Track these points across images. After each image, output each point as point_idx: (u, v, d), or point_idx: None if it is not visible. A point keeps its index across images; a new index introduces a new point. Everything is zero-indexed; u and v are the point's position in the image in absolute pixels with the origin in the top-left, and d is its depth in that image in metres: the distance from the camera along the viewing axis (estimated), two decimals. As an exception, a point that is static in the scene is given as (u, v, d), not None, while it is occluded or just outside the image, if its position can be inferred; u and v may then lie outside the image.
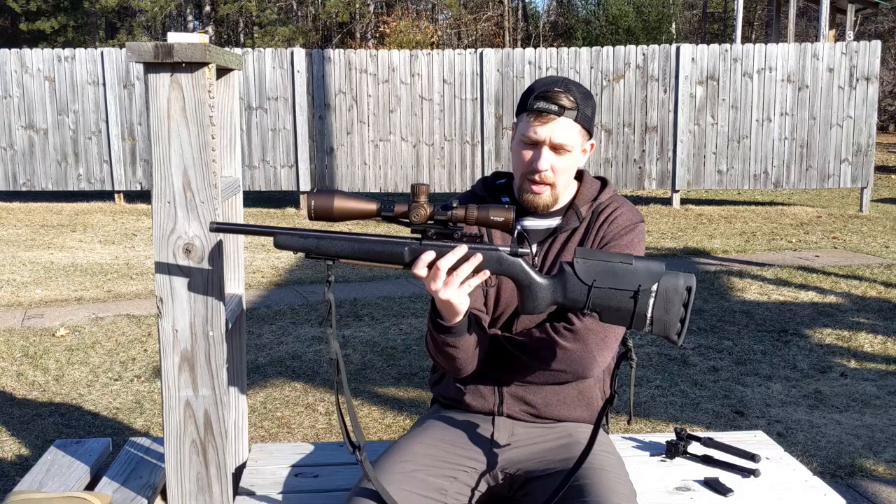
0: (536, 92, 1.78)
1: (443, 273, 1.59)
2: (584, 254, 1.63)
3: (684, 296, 1.60)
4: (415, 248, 1.61)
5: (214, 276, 1.80)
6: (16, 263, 7.48)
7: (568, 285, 1.62)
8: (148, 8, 21.32)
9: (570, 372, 1.80)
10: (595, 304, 1.61)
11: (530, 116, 1.78)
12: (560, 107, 1.76)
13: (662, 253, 7.88)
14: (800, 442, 3.52)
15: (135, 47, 1.70)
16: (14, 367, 4.55)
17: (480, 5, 29.99)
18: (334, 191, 1.62)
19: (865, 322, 5.36)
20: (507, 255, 1.63)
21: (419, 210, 1.58)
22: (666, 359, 4.63)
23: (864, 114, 10.83)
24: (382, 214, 1.60)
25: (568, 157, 1.80)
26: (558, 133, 1.77)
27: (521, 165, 1.82)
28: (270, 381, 4.29)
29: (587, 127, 1.82)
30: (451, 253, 1.59)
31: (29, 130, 11.01)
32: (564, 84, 1.79)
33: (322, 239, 1.62)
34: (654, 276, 1.60)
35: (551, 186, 1.82)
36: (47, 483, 2.07)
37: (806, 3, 20.53)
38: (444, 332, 1.72)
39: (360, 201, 1.61)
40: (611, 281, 1.60)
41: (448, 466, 1.80)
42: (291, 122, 10.96)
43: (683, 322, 1.60)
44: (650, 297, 1.59)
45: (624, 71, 10.92)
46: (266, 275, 7.00)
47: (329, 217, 1.61)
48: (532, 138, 1.78)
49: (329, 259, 1.63)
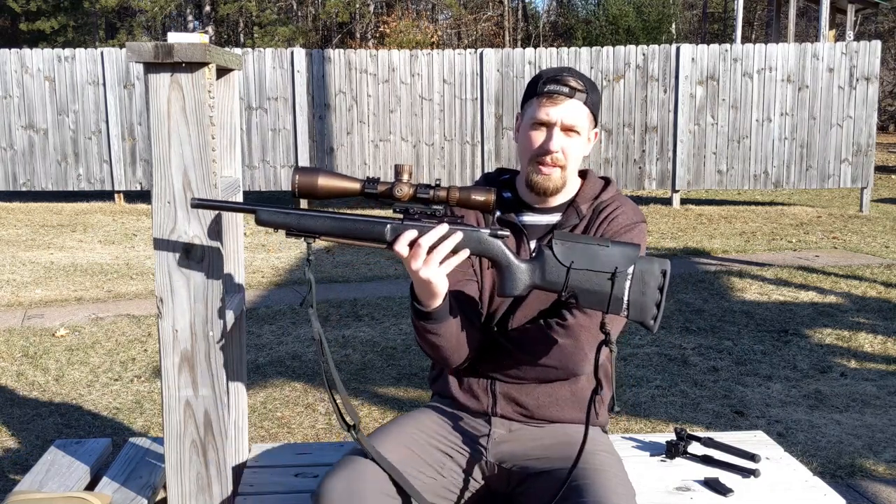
0: (546, 77, 1.81)
1: (423, 251, 1.60)
2: (562, 236, 1.65)
3: (660, 279, 1.62)
4: (396, 226, 1.62)
5: (214, 276, 1.80)
6: (16, 263, 7.48)
7: (546, 267, 1.63)
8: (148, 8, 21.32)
9: (562, 368, 1.80)
10: (573, 287, 1.62)
11: (541, 99, 1.79)
12: (571, 88, 1.78)
13: (662, 253, 7.88)
14: (800, 442, 3.52)
15: (135, 47, 1.70)
16: (14, 367, 4.55)
17: (480, 5, 29.99)
18: (318, 168, 1.63)
19: (865, 322, 5.36)
20: (487, 235, 1.64)
21: (402, 188, 1.60)
22: (666, 359, 4.63)
23: (864, 114, 10.83)
24: (366, 192, 1.61)
25: (577, 139, 1.81)
26: (569, 114, 1.79)
27: (530, 148, 1.82)
28: (270, 381, 4.29)
29: (594, 113, 1.85)
30: (432, 231, 1.60)
31: (29, 130, 11.01)
32: (571, 70, 1.83)
33: (303, 216, 1.63)
34: (630, 259, 1.62)
35: (562, 168, 1.82)
36: (47, 483, 2.07)
37: (806, 3, 20.53)
38: (424, 319, 1.73)
39: (344, 179, 1.62)
40: (588, 263, 1.62)
41: (446, 444, 1.84)
42: (291, 122, 10.96)
43: (659, 306, 1.62)
44: (626, 280, 1.61)
45: (624, 71, 10.92)
46: (266, 275, 7.00)
47: (313, 194, 1.62)
48: (543, 119, 1.79)
49: (310, 237, 1.64)
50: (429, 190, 1.61)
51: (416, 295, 1.71)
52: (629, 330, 4.98)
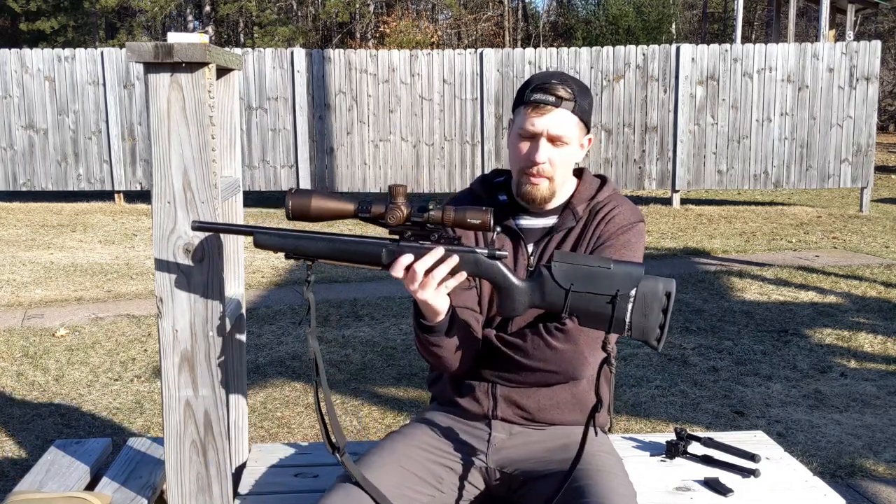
0: (533, 84, 1.77)
1: (419, 275, 1.59)
2: (562, 257, 1.62)
3: (663, 301, 1.59)
4: (392, 248, 1.62)
5: (214, 276, 1.80)
6: (16, 263, 7.48)
7: (546, 288, 1.62)
8: (148, 8, 21.31)
9: (562, 372, 1.79)
10: (573, 308, 1.60)
11: (527, 108, 1.76)
12: (557, 98, 1.75)
13: (662, 253, 7.88)
14: (800, 442, 3.52)
15: (135, 47, 1.70)
16: (14, 367, 4.55)
17: (480, 5, 29.98)
18: (312, 190, 1.63)
19: (865, 322, 5.36)
20: (484, 257, 1.63)
21: (396, 212, 1.59)
22: (666, 359, 4.63)
23: (864, 114, 10.83)
24: (360, 215, 1.60)
25: (565, 149, 1.79)
26: (556, 124, 1.76)
27: (518, 159, 1.81)
28: (270, 381, 4.29)
29: (585, 120, 1.81)
30: (427, 255, 1.60)
31: (29, 130, 11.01)
32: (561, 77, 1.78)
33: (301, 239, 1.63)
34: (633, 280, 1.59)
35: (549, 179, 1.80)
36: (47, 483, 2.07)
37: (806, 3, 20.53)
38: (426, 332, 1.73)
39: (338, 201, 1.61)
40: (588, 285, 1.59)
41: (444, 457, 1.82)
42: (291, 122, 10.96)
43: (663, 327, 1.59)
44: (629, 302, 1.58)
45: (624, 71, 10.92)
46: (266, 275, 7.00)
47: (306, 217, 1.62)
48: (529, 130, 1.77)
49: (308, 259, 1.64)
50: (422, 213, 1.60)
51: (420, 310, 1.71)
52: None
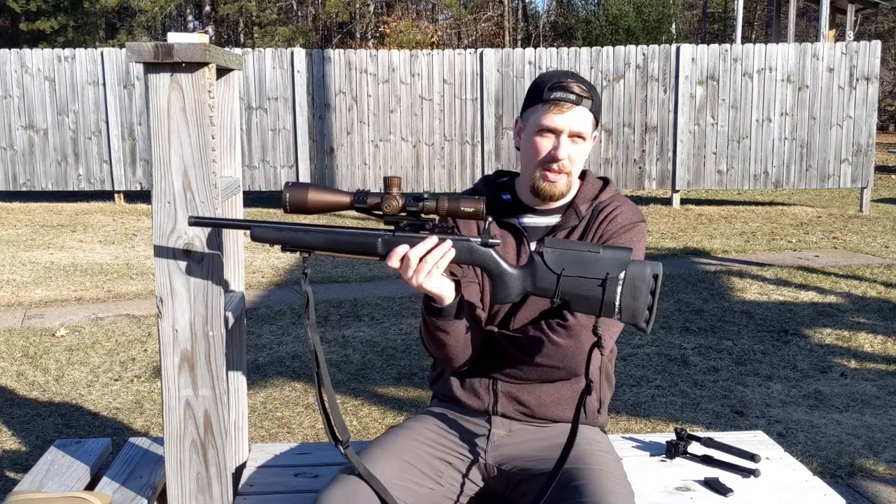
0: (550, 83, 1.80)
1: (414, 262, 1.62)
2: (553, 243, 1.67)
3: (651, 283, 1.63)
4: (387, 239, 1.65)
5: (214, 276, 1.80)
6: (16, 263, 7.48)
7: (538, 274, 1.65)
8: (148, 8, 21.31)
9: (563, 368, 1.81)
10: (564, 293, 1.64)
11: (547, 106, 1.79)
12: (577, 96, 1.79)
13: (662, 253, 7.88)
14: (800, 442, 3.52)
15: (135, 47, 1.70)
16: (14, 367, 4.55)
17: (480, 5, 29.97)
18: (308, 183, 1.65)
19: (865, 322, 5.36)
20: (477, 245, 1.67)
21: (391, 202, 1.62)
22: (666, 359, 4.63)
23: (864, 114, 10.83)
24: (356, 206, 1.64)
25: (583, 145, 1.83)
26: (576, 121, 1.80)
27: (536, 155, 1.83)
28: (270, 381, 4.29)
29: (597, 116, 1.86)
30: (421, 244, 1.63)
31: (29, 130, 11.01)
32: (574, 75, 1.83)
33: (297, 231, 1.66)
34: (622, 264, 1.63)
35: (567, 175, 1.84)
36: (47, 483, 2.07)
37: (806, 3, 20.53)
38: (434, 315, 1.74)
39: (334, 194, 1.64)
40: (579, 269, 1.63)
41: (444, 451, 1.84)
42: (291, 122, 10.96)
43: (651, 309, 1.63)
44: (618, 285, 1.62)
45: (624, 71, 10.92)
46: (266, 275, 7.00)
47: (304, 209, 1.64)
48: (551, 127, 1.79)
49: (304, 251, 1.66)
50: (417, 202, 1.63)
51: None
52: (629, 330, 4.97)
